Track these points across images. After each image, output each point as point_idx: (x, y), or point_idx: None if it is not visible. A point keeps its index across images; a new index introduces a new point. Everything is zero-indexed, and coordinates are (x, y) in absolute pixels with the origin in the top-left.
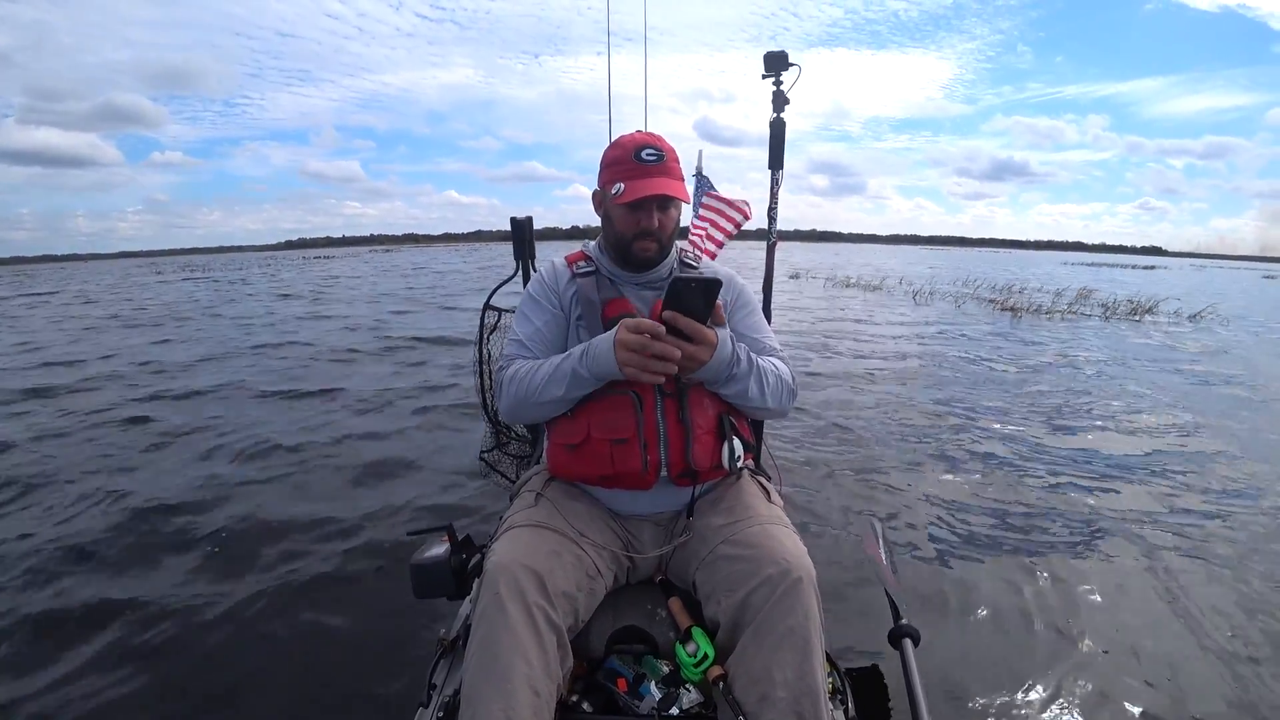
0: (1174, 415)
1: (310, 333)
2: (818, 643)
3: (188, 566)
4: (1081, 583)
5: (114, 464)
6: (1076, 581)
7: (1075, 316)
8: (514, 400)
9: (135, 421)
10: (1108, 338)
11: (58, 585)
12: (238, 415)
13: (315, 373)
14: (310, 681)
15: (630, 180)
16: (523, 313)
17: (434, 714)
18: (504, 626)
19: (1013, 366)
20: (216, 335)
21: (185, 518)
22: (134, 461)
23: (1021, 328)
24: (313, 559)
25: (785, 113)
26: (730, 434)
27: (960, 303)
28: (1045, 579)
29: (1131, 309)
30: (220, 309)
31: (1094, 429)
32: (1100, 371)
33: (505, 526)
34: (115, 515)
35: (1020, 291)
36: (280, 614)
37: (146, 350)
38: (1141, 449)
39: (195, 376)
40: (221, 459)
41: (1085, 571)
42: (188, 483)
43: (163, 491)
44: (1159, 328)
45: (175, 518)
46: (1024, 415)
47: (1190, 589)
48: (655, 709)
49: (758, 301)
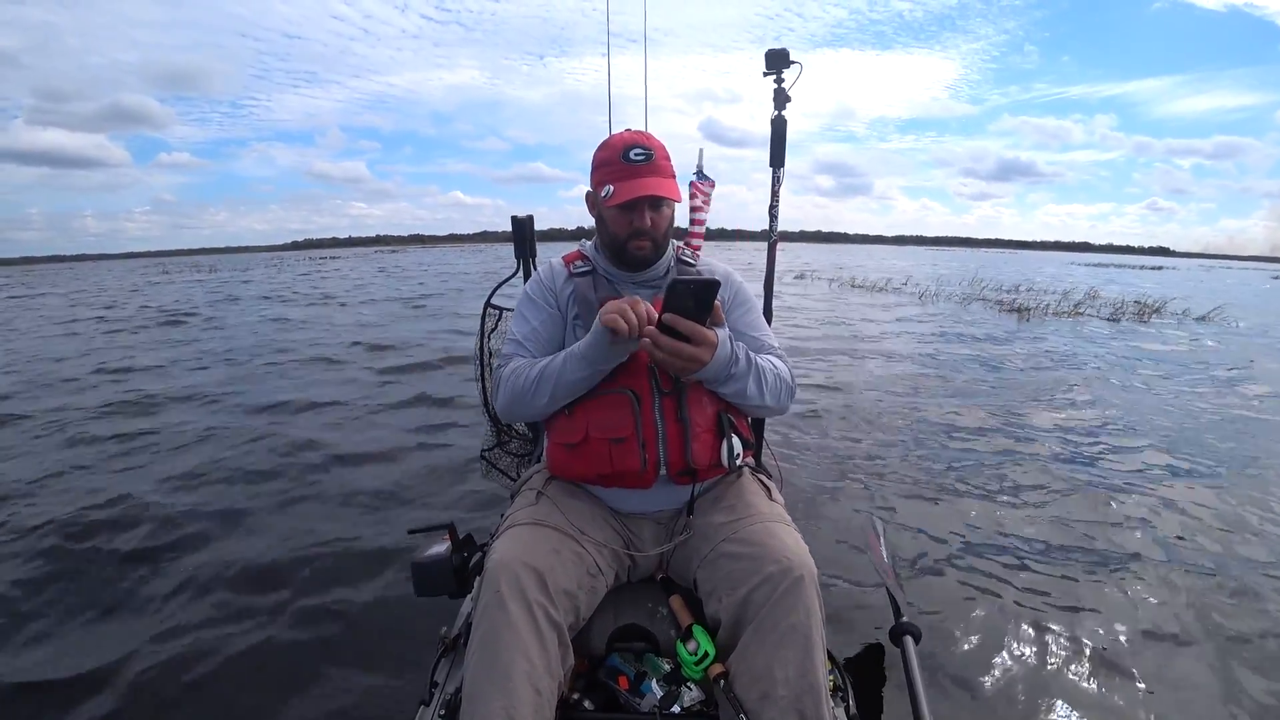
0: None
1: (310, 333)
2: (819, 640)
3: (183, 566)
4: (1086, 584)
5: (126, 459)
6: (1081, 583)
7: (1081, 317)
8: (511, 397)
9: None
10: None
11: (76, 581)
12: (237, 421)
13: (316, 372)
14: (312, 680)
15: (620, 181)
16: (520, 312)
17: (435, 712)
18: (505, 624)
19: (1020, 366)
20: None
21: (181, 513)
22: (140, 460)
23: (1030, 329)
24: (313, 558)
25: (786, 111)
26: (729, 432)
27: (966, 303)
28: (1049, 581)
29: (1139, 310)
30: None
31: (1103, 430)
32: (1105, 372)
33: (506, 525)
34: (114, 512)
35: (1027, 291)
36: (281, 613)
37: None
38: (1156, 462)
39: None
40: (217, 459)
41: (1090, 574)
42: (182, 480)
43: (157, 489)
44: (1168, 329)
45: (171, 514)
46: (1030, 414)
47: (1207, 609)
48: (656, 707)
49: (756, 300)
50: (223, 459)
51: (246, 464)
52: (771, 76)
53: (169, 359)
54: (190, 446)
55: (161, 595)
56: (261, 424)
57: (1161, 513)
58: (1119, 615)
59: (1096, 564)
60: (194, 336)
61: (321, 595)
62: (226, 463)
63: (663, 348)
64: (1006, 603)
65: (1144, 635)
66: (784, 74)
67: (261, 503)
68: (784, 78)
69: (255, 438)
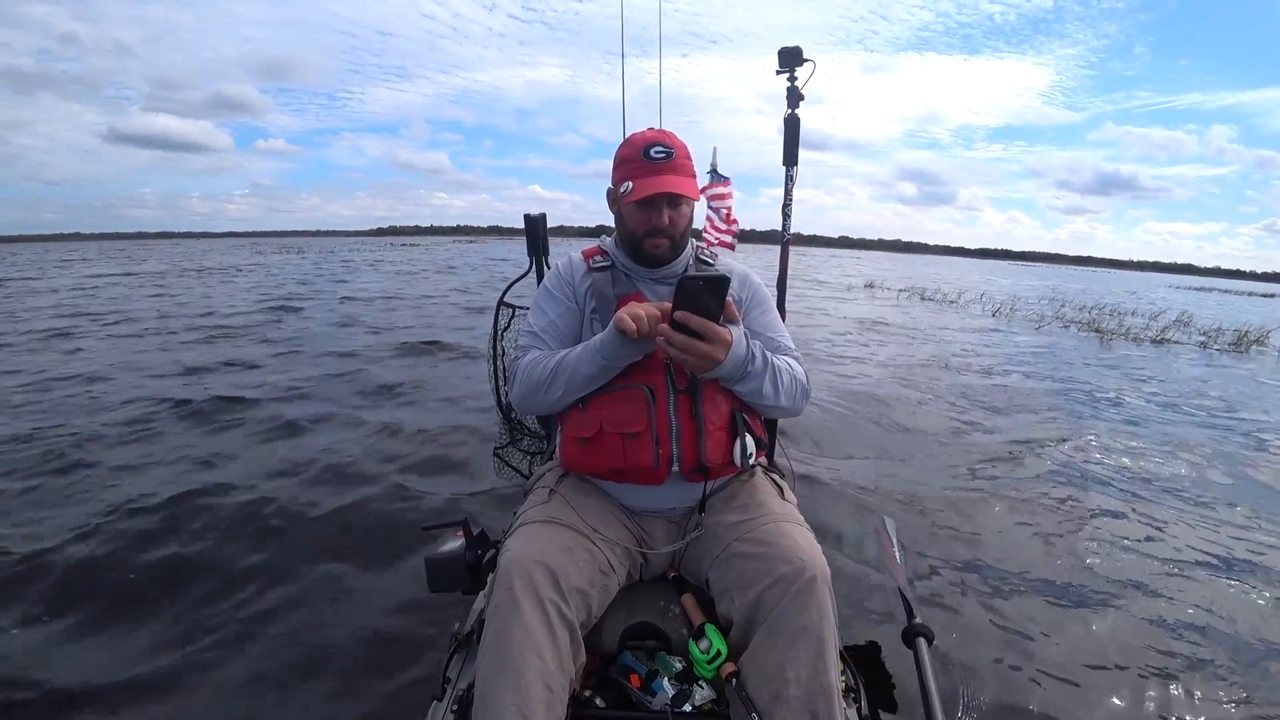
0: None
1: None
2: (831, 641)
3: (196, 559)
4: (1095, 587)
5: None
6: (1101, 593)
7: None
8: (526, 389)
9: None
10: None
11: (133, 554)
12: (258, 411)
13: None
14: (325, 675)
15: (639, 178)
16: (538, 304)
17: (448, 708)
18: (518, 622)
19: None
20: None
21: (194, 506)
22: (194, 446)
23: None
24: (328, 553)
25: (800, 108)
26: (743, 430)
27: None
28: (1067, 588)
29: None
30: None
31: (1143, 448)
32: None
33: (519, 522)
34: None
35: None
36: (295, 608)
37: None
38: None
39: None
40: (237, 448)
41: (1099, 578)
42: (203, 467)
43: (169, 480)
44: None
45: (180, 507)
46: (1068, 429)
47: (1236, 609)
48: (668, 705)
49: (773, 300)
50: (238, 433)
51: (256, 453)
52: (785, 75)
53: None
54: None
55: (163, 594)
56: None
57: (1175, 529)
58: (1138, 625)
59: (1116, 576)
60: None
61: (335, 589)
62: (240, 441)
63: (676, 345)
64: (1022, 606)
65: (1162, 642)
66: (797, 72)
67: (273, 496)
68: (797, 76)
69: (269, 429)
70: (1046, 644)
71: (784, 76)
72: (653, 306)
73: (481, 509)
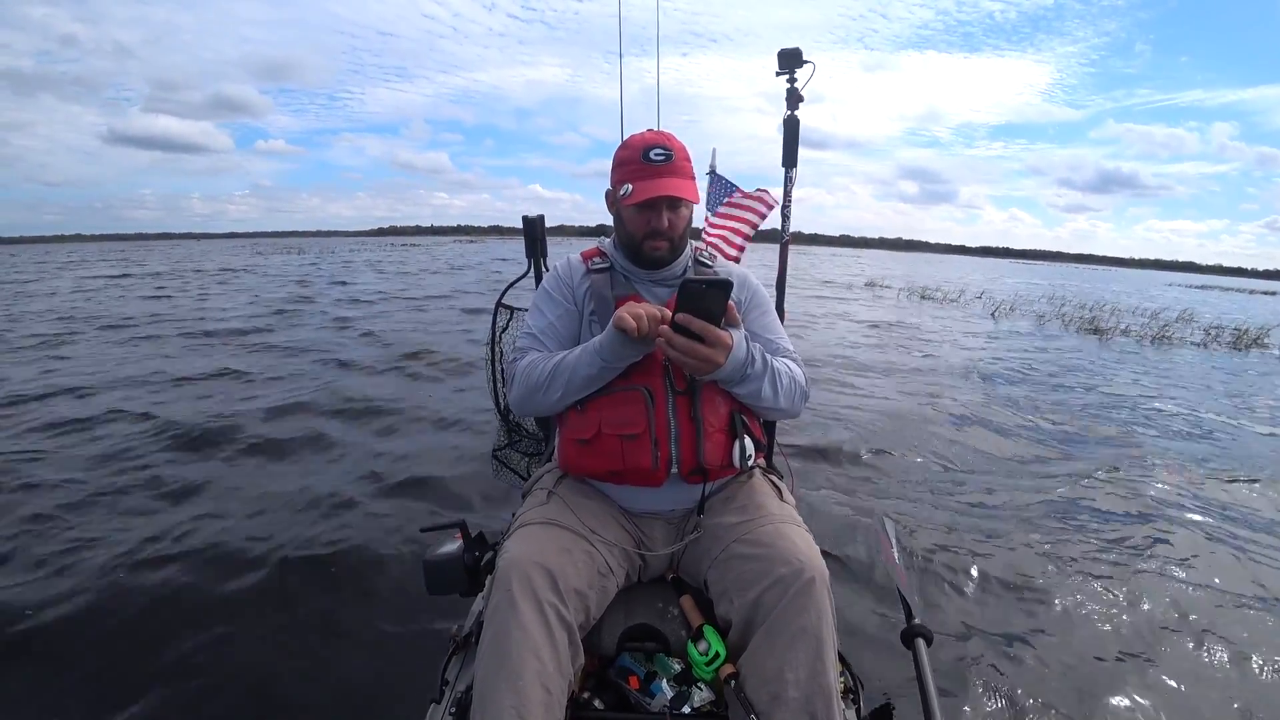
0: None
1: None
2: (830, 642)
3: (194, 561)
4: (1097, 588)
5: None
6: (1092, 589)
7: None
8: (525, 391)
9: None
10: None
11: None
12: (259, 408)
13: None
14: (323, 677)
15: (638, 181)
16: (537, 306)
17: (446, 710)
18: (516, 623)
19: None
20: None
21: (191, 513)
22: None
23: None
24: (326, 555)
25: (799, 110)
26: (742, 432)
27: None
28: (1064, 586)
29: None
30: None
31: (1141, 451)
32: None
33: (518, 524)
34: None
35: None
36: (293, 610)
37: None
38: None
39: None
40: (233, 453)
41: (1100, 580)
42: (197, 476)
43: (166, 478)
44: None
45: (180, 511)
46: (1064, 429)
47: (1226, 611)
48: (667, 707)
49: (772, 302)
50: (233, 439)
51: (256, 459)
52: (784, 76)
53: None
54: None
55: (164, 591)
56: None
57: (1175, 529)
58: (1136, 620)
59: (1112, 573)
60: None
61: (333, 591)
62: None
63: (676, 347)
64: (1020, 606)
65: (1160, 640)
66: (797, 74)
67: (273, 498)
68: (796, 77)
69: (259, 433)
70: (1047, 644)
71: (783, 78)
72: (652, 306)
73: (479, 510)
